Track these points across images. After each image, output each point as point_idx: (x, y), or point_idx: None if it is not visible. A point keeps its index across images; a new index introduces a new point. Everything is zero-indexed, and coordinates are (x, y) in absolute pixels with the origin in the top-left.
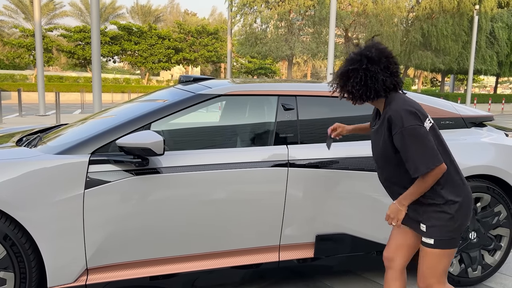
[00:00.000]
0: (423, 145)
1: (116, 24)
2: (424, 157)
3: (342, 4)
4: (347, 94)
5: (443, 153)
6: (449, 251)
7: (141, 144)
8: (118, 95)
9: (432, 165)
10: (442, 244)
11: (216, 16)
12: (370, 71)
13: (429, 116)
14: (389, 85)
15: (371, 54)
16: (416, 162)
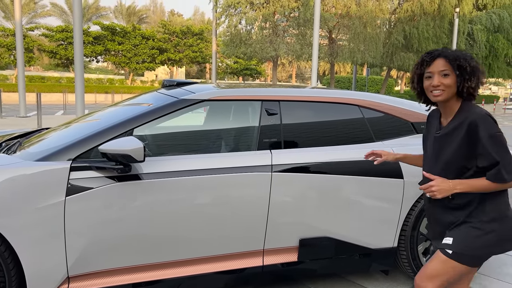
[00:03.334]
0: (509, 153)
1: (99, 24)
2: (509, 165)
3: (326, 6)
4: (466, 88)
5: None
6: (462, 267)
7: (122, 150)
8: (101, 96)
9: None
10: (461, 259)
11: (199, 16)
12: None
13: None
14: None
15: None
16: (507, 167)
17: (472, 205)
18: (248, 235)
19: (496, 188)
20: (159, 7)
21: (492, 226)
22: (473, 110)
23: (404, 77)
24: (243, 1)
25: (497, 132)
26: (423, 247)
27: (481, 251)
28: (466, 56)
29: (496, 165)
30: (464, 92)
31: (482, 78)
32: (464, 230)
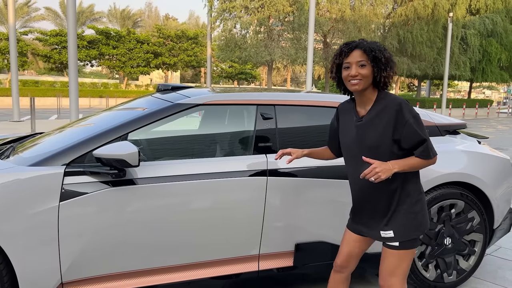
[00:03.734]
0: (424, 129)
1: (93, 28)
2: (430, 143)
3: (321, 11)
4: (382, 78)
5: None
6: (412, 251)
7: (116, 155)
8: (95, 100)
9: (436, 152)
10: (407, 245)
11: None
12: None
13: None
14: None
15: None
16: (429, 145)
17: (399, 189)
18: (243, 240)
19: (423, 165)
20: (153, 11)
21: (418, 206)
22: (392, 96)
23: (399, 81)
24: (238, 6)
25: (417, 114)
26: (418, 251)
27: (419, 232)
28: (381, 48)
29: (422, 143)
30: (380, 81)
31: (395, 69)
32: (400, 219)
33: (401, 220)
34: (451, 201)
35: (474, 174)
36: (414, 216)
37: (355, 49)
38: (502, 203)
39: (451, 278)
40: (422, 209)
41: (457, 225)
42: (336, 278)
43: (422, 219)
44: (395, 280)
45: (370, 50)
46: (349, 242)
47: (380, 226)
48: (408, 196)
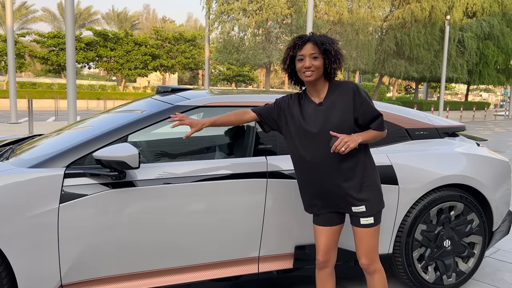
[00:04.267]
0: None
1: (91, 30)
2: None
3: (319, 13)
4: (332, 69)
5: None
6: (379, 226)
7: (117, 157)
8: (93, 102)
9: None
10: (378, 219)
11: (192, 22)
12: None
13: None
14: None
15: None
16: (382, 119)
17: (361, 163)
18: (243, 242)
19: (379, 136)
20: (151, 13)
21: (378, 180)
22: (343, 81)
23: (396, 83)
24: (236, 8)
25: (367, 92)
26: (418, 253)
27: (383, 204)
28: (331, 41)
29: (377, 117)
30: (331, 72)
31: (343, 61)
32: (368, 192)
33: (369, 194)
34: (451, 203)
35: (473, 176)
36: (378, 187)
37: (307, 42)
38: (501, 205)
39: (451, 280)
40: (379, 182)
41: (457, 227)
42: (322, 274)
43: (381, 192)
44: (377, 256)
45: (321, 43)
46: (322, 236)
47: (351, 203)
48: (370, 170)
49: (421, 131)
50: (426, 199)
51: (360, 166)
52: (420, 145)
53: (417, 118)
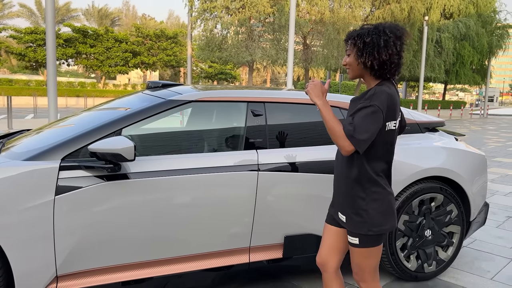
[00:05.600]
0: (368, 122)
1: (70, 27)
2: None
3: (301, 12)
4: (375, 62)
5: (387, 154)
6: (373, 250)
7: (112, 149)
8: (72, 99)
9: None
10: (368, 244)
11: (173, 19)
12: (397, 46)
13: (397, 120)
14: (397, 67)
15: (400, 33)
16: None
17: (354, 177)
18: (235, 233)
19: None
20: (131, 10)
21: (368, 204)
22: (376, 87)
23: None
24: (218, 6)
25: (375, 106)
26: (400, 242)
27: (370, 231)
28: (365, 33)
29: (349, 123)
30: (369, 68)
31: (382, 53)
32: (349, 209)
33: (350, 212)
34: (431, 195)
35: (453, 169)
36: (362, 212)
37: (347, 39)
38: (478, 197)
39: (431, 268)
40: (372, 210)
41: (437, 218)
42: (323, 277)
43: (370, 218)
44: (370, 277)
45: (352, 37)
46: (324, 233)
47: (339, 209)
48: (361, 193)
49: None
50: (408, 191)
51: (352, 180)
52: (403, 140)
53: (404, 114)
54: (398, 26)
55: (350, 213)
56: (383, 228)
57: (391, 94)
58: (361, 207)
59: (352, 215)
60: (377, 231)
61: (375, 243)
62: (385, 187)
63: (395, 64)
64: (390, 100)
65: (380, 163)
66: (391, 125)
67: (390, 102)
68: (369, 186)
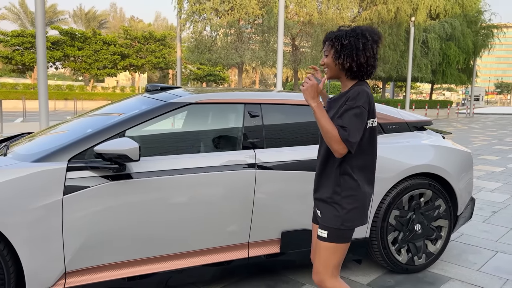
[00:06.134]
0: (358, 123)
1: (58, 29)
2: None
3: (289, 14)
4: (353, 64)
5: (369, 151)
6: (338, 247)
7: (118, 150)
8: (61, 103)
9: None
10: (335, 239)
11: (161, 21)
12: (374, 49)
13: (376, 118)
14: (373, 69)
15: (377, 38)
16: (344, 133)
17: (334, 170)
18: (235, 229)
19: (324, 130)
20: (119, 12)
21: (344, 199)
22: (355, 87)
23: None
24: (208, 8)
25: (359, 107)
26: (392, 236)
27: (341, 226)
28: (342, 35)
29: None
30: (345, 70)
31: (360, 56)
32: (324, 204)
33: (324, 204)
34: (420, 191)
35: (440, 166)
36: (336, 206)
37: (326, 40)
38: (464, 192)
39: (421, 261)
40: (347, 203)
41: (426, 212)
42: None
43: (343, 213)
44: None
45: (329, 39)
46: (313, 233)
47: (317, 205)
48: (336, 187)
49: (393, 125)
50: (398, 187)
51: (332, 172)
52: (393, 138)
53: (390, 113)
54: (375, 30)
55: (325, 206)
56: (354, 224)
57: (370, 94)
58: (336, 201)
59: (327, 208)
60: (349, 226)
61: (344, 239)
62: (360, 184)
63: (371, 66)
64: (371, 99)
65: (359, 160)
66: (371, 123)
67: (371, 101)
68: (345, 181)
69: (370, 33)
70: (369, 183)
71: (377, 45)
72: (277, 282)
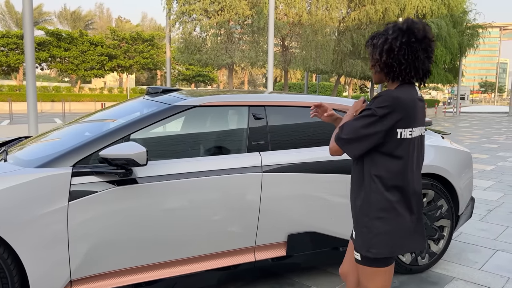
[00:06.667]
0: (360, 126)
1: (43, 30)
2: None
3: (279, 15)
4: (383, 66)
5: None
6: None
7: (125, 155)
8: (47, 104)
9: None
10: (368, 262)
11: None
12: (412, 48)
13: (415, 128)
14: (425, 70)
15: (417, 32)
16: (338, 134)
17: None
18: (242, 233)
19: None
20: (105, 12)
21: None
22: (386, 90)
23: (352, 83)
24: (197, 9)
25: (374, 113)
26: None
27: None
28: (375, 35)
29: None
30: (380, 71)
31: (383, 55)
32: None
33: (356, 226)
34: (423, 191)
35: (442, 166)
36: (367, 230)
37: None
38: (465, 192)
39: (424, 261)
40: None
41: (429, 213)
42: (346, 287)
43: (370, 237)
44: None
45: (368, 39)
46: (348, 248)
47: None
48: (366, 208)
49: None
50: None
51: (365, 196)
52: None
53: None
54: (416, 25)
55: (356, 229)
56: (382, 252)
57: (400, 98)
58: (364, 224)
59: (357, 231)
60: (375, 253)
61: (378, 263)
62: (395, 207)
63: (405, 66)
64: (399, 105)
65: (393, 178)
66: (405, 133)
67: (399, 107)
68: (376, 202)
69: (405, 29)
70: (408, 206)
71: (411, 42)
72: (282, 284)
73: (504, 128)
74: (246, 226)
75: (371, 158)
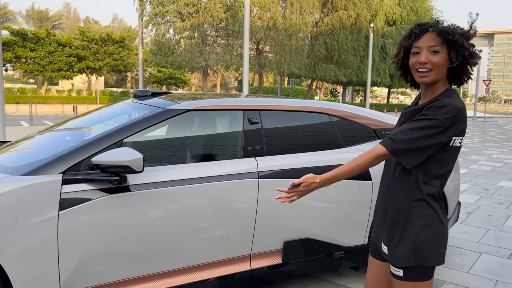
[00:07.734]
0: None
1: (8, 29)
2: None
3: (253, 18)
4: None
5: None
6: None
7: (120, 161)
8: (12, 106)
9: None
10: (415, 277)
11: (118, 23)
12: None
13: (464, 137)
14: (470, 73)
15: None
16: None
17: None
18: (238, 241)
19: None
20: (73, 13)
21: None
22: (449, 95)
23: (323, 87)
24: (171, 11)
25: (432, 118)
26: None
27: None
28: (461, 32)
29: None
30: (458, 74)
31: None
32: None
33: (396, 238)
34: None
35: None
36: (420, 240)
37: (427, 31)
38: (454, 195)
39: None
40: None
41: None
42: None
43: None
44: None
45: (447, 33)
46: (370, 268)
47: (382, 235)
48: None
49: (386, 131)
50: None
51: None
52: None
53: (382, 119)
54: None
55: (396, 242)
56: (434, 260)
57: (464, 110)
58: (411, 234)
59: (398, 244)
60: (433, 262)
61: (424, 276)
62: (438, 213)
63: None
64: (462, 116)
65: (436, 183)
66: (457, 141)
67: (462, 117)
68: (422, 210)
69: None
70: (444, 211)
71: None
72: None
73: (471, 132)
74: (242, 234)
75: (420, 165)
